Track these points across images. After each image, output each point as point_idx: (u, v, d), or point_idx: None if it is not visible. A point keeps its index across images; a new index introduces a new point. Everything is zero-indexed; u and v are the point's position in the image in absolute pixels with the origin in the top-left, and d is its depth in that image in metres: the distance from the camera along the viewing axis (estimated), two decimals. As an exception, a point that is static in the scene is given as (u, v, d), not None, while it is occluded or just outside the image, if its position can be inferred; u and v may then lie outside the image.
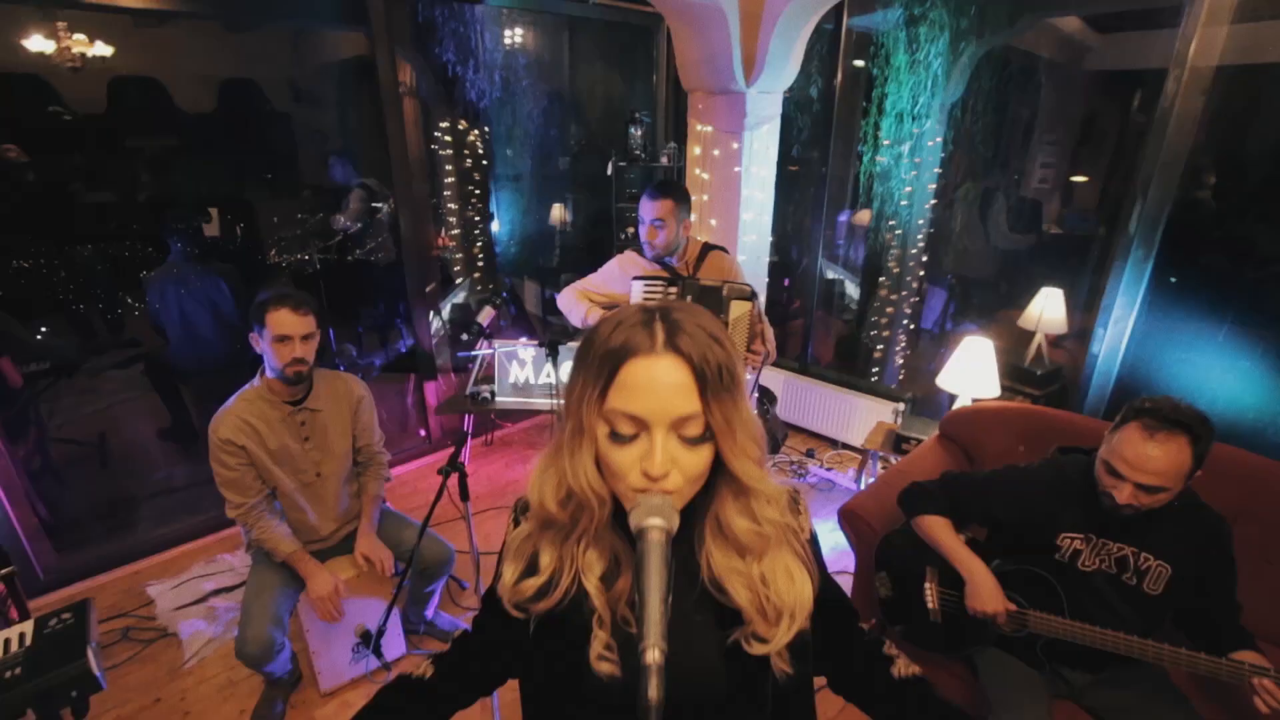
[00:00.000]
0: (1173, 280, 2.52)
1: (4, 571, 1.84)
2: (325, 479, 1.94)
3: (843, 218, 4.29)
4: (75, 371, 3.46)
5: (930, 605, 1.68)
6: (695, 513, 0.71)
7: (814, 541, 0.79)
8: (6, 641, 1.51)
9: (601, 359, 0.63)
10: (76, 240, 3.67)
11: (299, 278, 4.06)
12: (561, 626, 0.72)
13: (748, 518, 0.68)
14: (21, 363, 3.02)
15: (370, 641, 1.99)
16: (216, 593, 2.52)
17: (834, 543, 2.68)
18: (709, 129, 2.56)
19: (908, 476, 1.79)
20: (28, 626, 1.55)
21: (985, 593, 1.48)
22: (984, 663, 1.60)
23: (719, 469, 0.67)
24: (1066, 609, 1.47)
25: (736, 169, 2.54)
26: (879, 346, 4.03)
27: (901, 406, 3.20)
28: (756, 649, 0.69)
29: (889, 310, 3.98)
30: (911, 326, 4.08)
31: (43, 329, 3.37)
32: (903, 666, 0.83)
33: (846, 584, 2.18)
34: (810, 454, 3.56)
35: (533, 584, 0.72)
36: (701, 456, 0.63)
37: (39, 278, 3.55)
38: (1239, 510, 1.72)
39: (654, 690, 0.50)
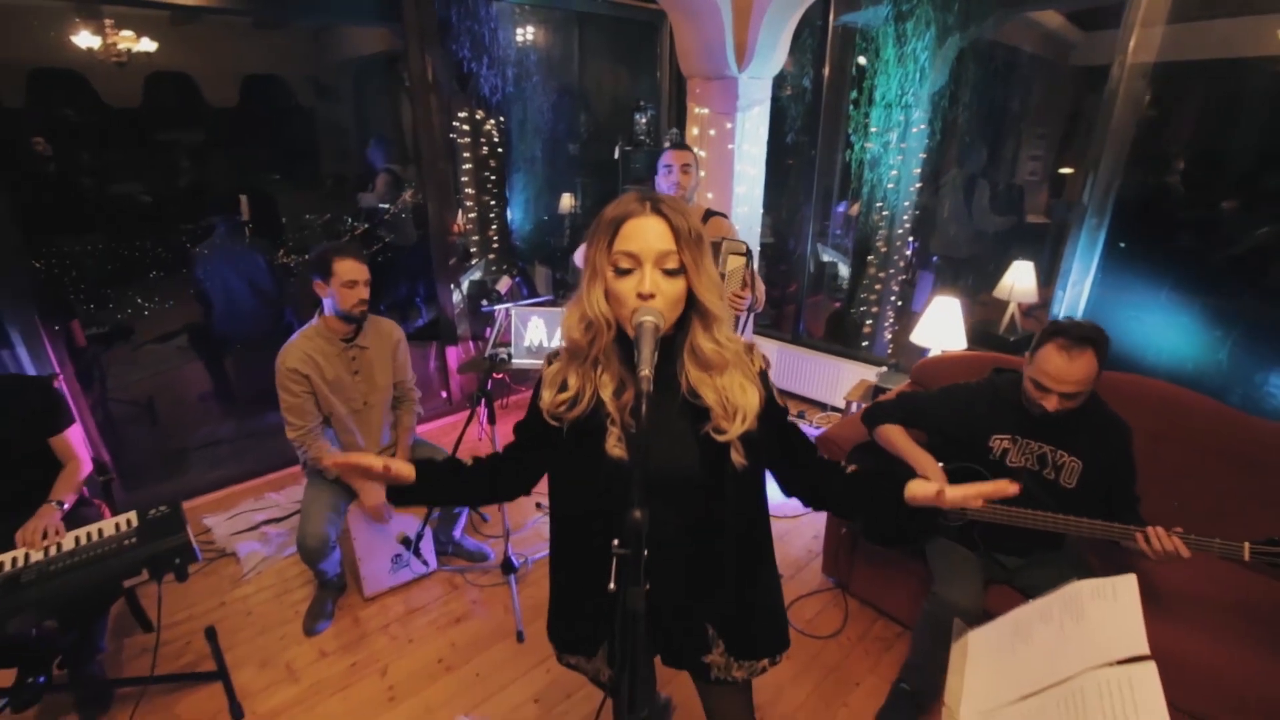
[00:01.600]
0: (1122, 245, 2.79)
1: (103, 479, 2.16)
2: (371, 408, 2.25)
3: (840, 208, 4.56)
4: (129, 336, 3.79)
5: (888, 506, 1.97)
6: (676, 348, 1.01)
7: (764, 375, 1.08)
8: (118, 525, 1.82)
9: (609, 222, 0.94)
10: (108, 230, 3.93)
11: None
12: (586, 427, 1.02)
13: (712, 341, 0.99)
14: (85, 325, 3.36)
15: (411, 545, 2.31)
16: (267, 522, 2.85)
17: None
18: (705, 111, 2.86)
19: (874, 409, 2.08)
20: (132, 515, 1.86)
21: (933, 479, 1.76)
22: (932, 550, 1.89)
23: (692, 306, 0.97)
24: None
25: (730, 147, 2.83)
26: (868, 322, 4.30)
27: (884, 369, 3.48)
28: (719, 438, 0.99)
29: (877, 288, 4.25)
30: (899, 304, 4.34)
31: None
32: (851, 470, 1.12)
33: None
34: (801, 415, 3.84)
35: (565, 398, 1.03)
36: (677, 286, 0.93)
37: (81, 264, 3.85)
38: (1161, 433, 2.01)
39: (646, 385, 0.81)
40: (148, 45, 3.77)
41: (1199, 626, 1.69)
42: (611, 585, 0.84)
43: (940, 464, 1.85)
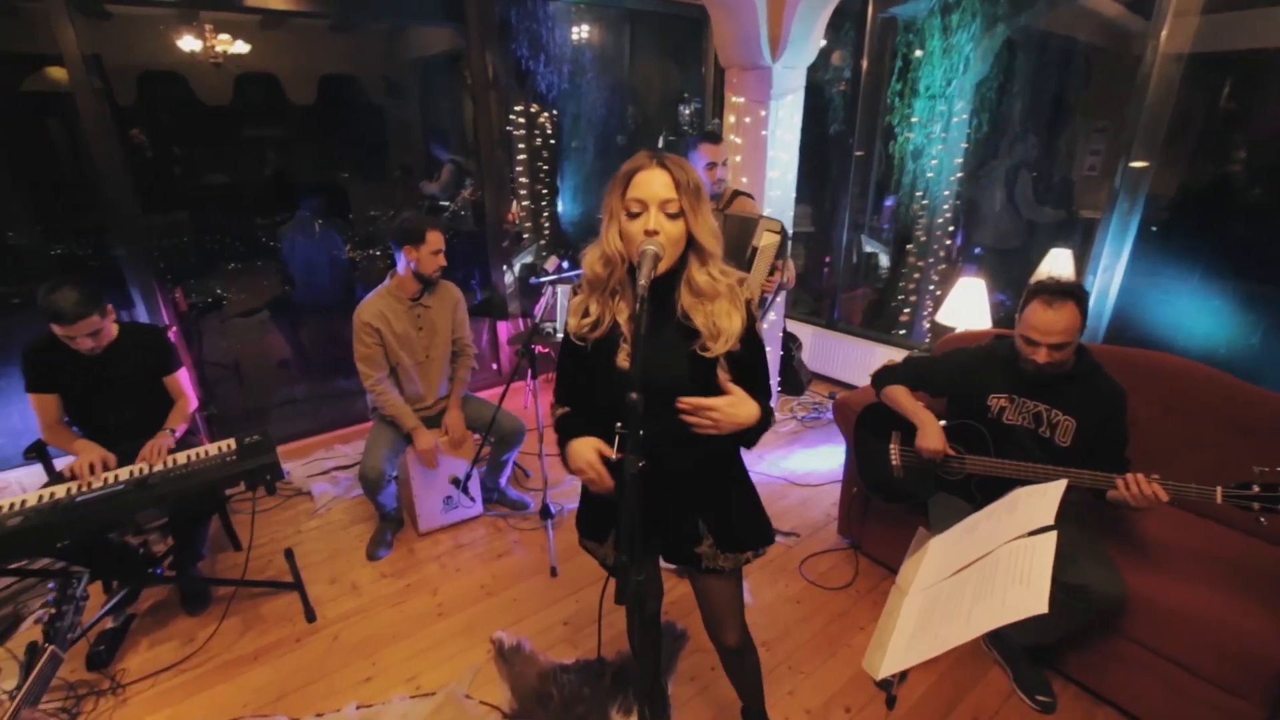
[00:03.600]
0: (1154, 230, 2.81)
1: (206, 412, 2.53)
2: (432, 360, 2.54)
3: (888, 203, 4.62)
4: (221, 307, 4.25)
5: (894, 462, 2.11)
6: (675, 281, 1.21)
7: (748, 304, 1.26)
8: (220, 447, 2.16)
9: (624, 175, 1.15)
10: (204, 213, 4.40)
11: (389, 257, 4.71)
12: (604, 344, 1.24)
13: (706, 275, 1.18)
14: (187, 294, 3.81)
15: (460, 485, 2.59)
16: (336, 468, 3.20)
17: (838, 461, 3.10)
18: (741, 100, 3.03)
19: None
20: (231, 441, 2.20)
21: (931, 434, 1.90)
22: (933, 504, 2.02)
23: (690, 246, 1.17)
24: (993, 453, 1.88)
25: (764, 133, 3.00)
26: (905, 310, 4.36)
27: (915, 352, 3.56)
28: (705, 354, 1.19)
29: (916, 276, 4.31)
30: (939, 294, 4.37)
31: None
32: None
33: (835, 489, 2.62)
34: (832, 396, 3.96)
35: (588, 321, 1.25)
36: (678, 226, 1.13)
37: (182, 241, 4.32)
38: (1171, 404, 2.09)
39: (643, 291, 1.01)
40: (241, 48, 4.21)
41: (1181, 578, 1.77)
42: (614, 454, 1.06)
43: (942, 422, 1.98)
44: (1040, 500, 1.03)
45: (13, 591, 2.35)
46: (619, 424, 1.07)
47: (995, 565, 0.95)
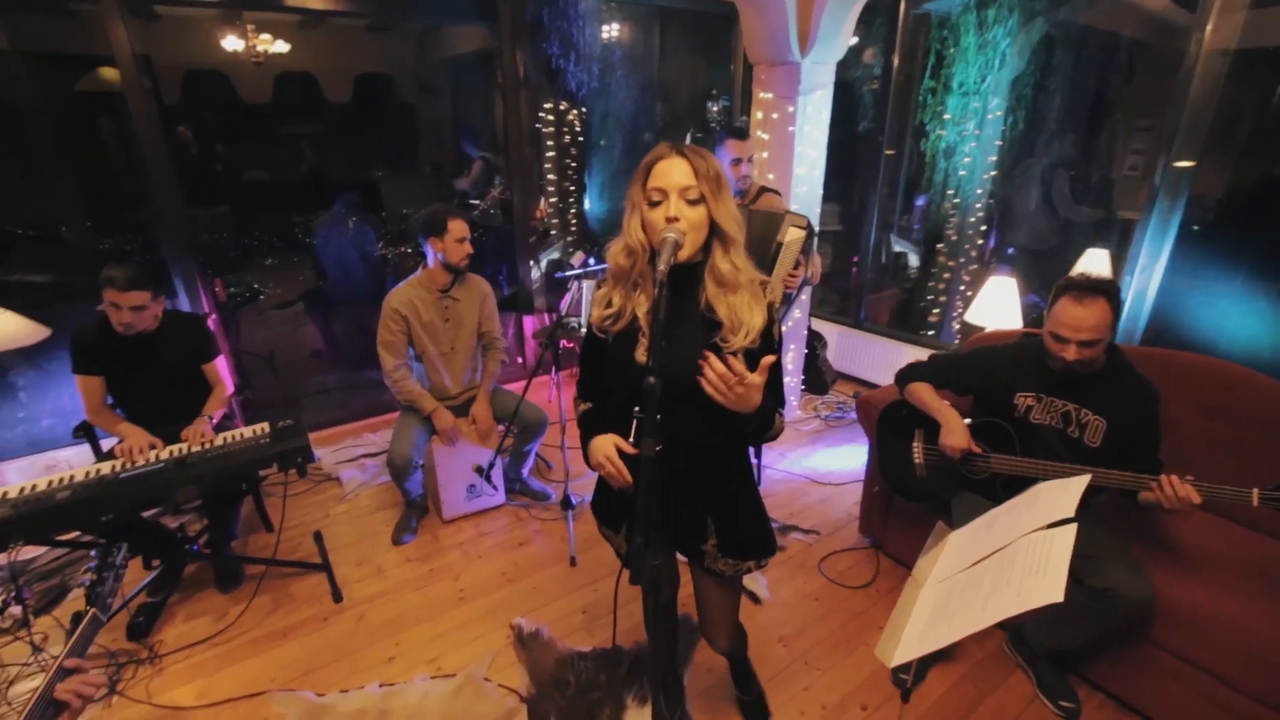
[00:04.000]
0: (1195, 229, 2.72)
1: (241, 397, 2.61)
2: (457, 352, 2.59)
3: (919, 202, 4.56)
4: (257, 299, 4.38)
5: (917, 460, 2.09)
6: (699, 272, 1.22)
7: (771, 306, 1.26)
8: (254, 430, 2.23)
9: (645, 166, 1.17)
10: (244, 207, 4.54)
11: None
12: (624, 338, 1.26)
13: (729, 264, 1.19)
14: (226, 285, 3.94)
15: (484, 473, 2.63)
16: (365, 455, 3.28)
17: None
18: (769, 96, 3.02)
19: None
20: (265, 425, 2.27)
21: (955, 431, 1.88)
22: (957, 504, 1.99)
23: (714, 234, 1.18)
24: (1019, 452, 1.85)
25: (791, 129, 2.99)
26: (935, 310, 4.29)
27: (942, 352, 3.51)
28: (725, 348, 1.20)
29: (946, 276, 4.24)
30: (969, 294, 4.29)
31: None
32: None
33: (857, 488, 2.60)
34: (856, 395, 3.92)
35: (610, 313, 1.26)
36: (699, 212, 1.14)
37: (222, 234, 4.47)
38: (1210, 407, 2.03)
39: (662, 276, 1.03)
40: (281, 47, 4.34)
41: (1213, 584, 1.72)
42: (631, 448, 1.07)
43: (967, 420, 1.96)
44: (1062, 493, 1.01)
45: (61, 564, 2.47)
46: (636, 409, 1.09)
47: (1013, 556, 0.94)
